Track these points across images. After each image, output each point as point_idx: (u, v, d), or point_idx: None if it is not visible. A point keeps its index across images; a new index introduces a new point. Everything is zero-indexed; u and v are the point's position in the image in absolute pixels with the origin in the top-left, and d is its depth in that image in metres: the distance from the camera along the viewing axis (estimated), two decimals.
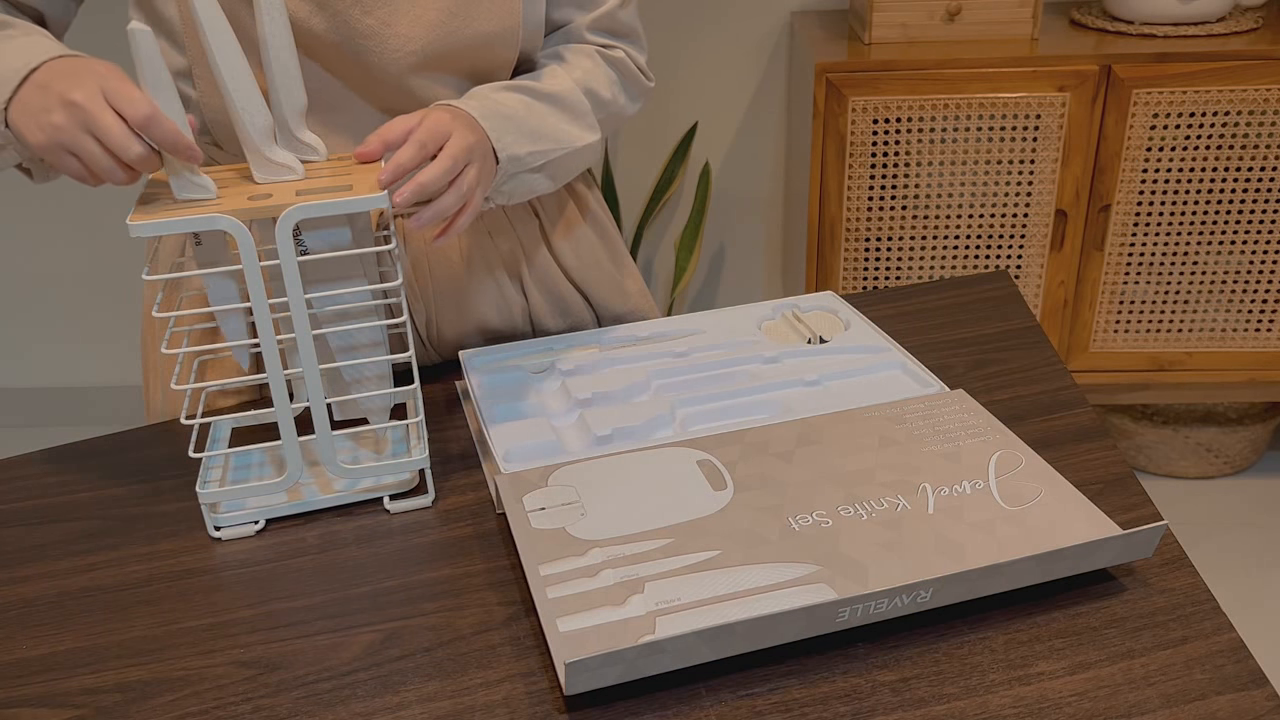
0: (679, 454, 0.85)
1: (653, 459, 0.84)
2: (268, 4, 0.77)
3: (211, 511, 0.84)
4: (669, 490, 0.80)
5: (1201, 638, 0.70)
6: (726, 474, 0.82)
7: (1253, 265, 1.97)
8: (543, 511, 0.79)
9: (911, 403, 0.90)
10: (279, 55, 0.79)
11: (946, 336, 1.09)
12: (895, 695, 0.66)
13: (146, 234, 0.74)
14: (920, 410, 0.89)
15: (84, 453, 0.96)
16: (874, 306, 1.16)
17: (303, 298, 0.77)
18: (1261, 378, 2.06)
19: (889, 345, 1.01)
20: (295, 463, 0.82)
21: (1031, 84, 1.84)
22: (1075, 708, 0.65)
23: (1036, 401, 0.96)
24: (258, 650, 0.72)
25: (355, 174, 0.81)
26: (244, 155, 0.81)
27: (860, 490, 0.79)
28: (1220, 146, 1.88)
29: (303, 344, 0.79)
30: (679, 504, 0.79)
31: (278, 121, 0.80)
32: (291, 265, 0.76)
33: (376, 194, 0.76)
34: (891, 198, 1.95)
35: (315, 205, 0.75)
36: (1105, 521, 0.75)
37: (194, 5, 0.74)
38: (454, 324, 1.07)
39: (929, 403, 0.90)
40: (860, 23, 2.02)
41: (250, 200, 0.76)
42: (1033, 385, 0.99)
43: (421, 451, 0.85)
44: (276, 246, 0.76)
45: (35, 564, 0.82)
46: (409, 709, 0.67)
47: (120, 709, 0.68)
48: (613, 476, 0.82)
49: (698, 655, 0.66)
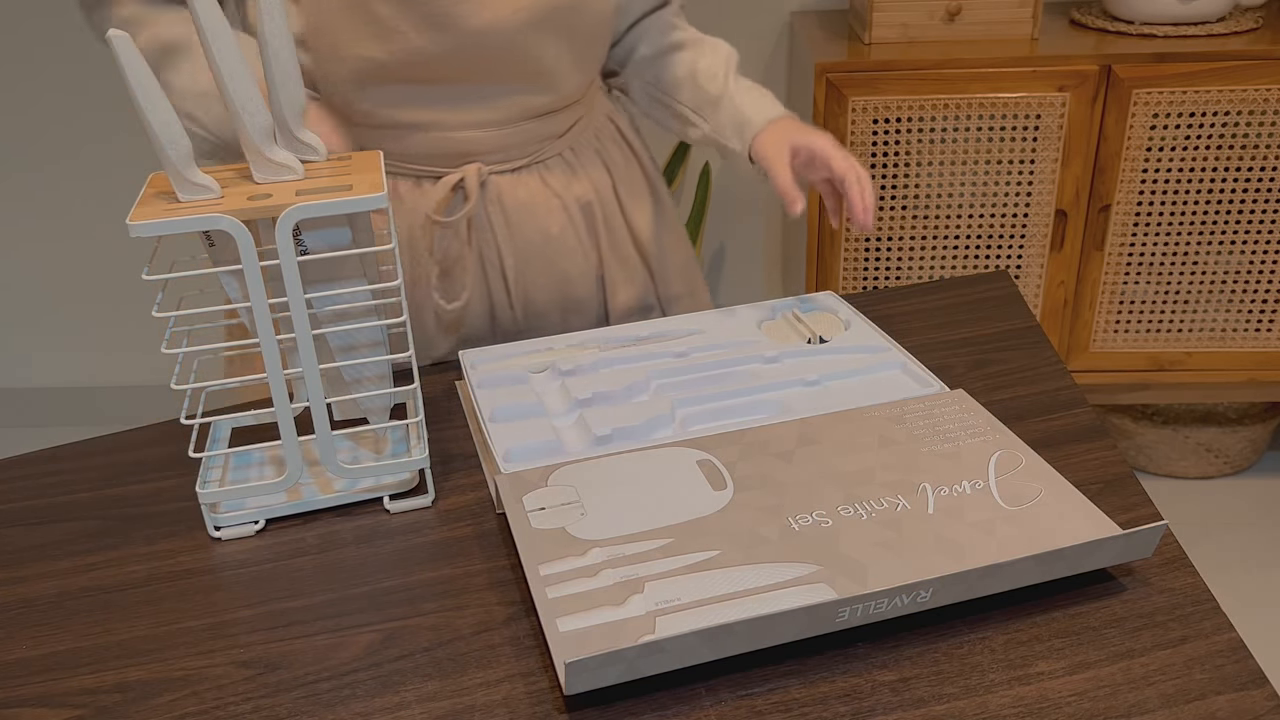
0: (679, 454, 0.85)
1: (652, 459, 0.84)
2: (267, 4, 0.77)
3: (211, 511, 0.84)
4: (669, 490, 0.81)
5: (1201, 638, 0.70)
6: (726, 473, 0.82)
7: (1253, 265, 1.97)
8: (543, 511, 0.79)
9: (911, 403, 0.90)
10: (279, 55, 0.79)
11: (946, 336, 1.09)
12: (895, 695, 0.66)
13: (146, 234, 0.74)
14: (920, 410, 0.89)
15: (84, 453, 0.96)
16: (874, 306, 1.16)
17: (302, 298, 0.77)
18: (1261, 378, 2.06)
19: (889, 345, 1.01)
20: (295, 463, 0.82)
21: (1031, 84, 1.84)
22: (1075, 708, 0.65)
23: (1036, 401, 0.96)
24: (258, 650, 0.72)
25: (355, 174, 0.80)
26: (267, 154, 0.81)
27: (860, 490, 0.79)
28: (1220, 146, 1.88)
29: (302, 344, 0.79)
30: (679, 503, 0.79)
31: (277, 121, 0.80)
32: (291, 265, 0.76)
33: (376, 194, 0.76)
34: (891, 198, 1.95)
35: (315, 205, 0.75)
36: (1105, 521, 0.75)
37: (193, 5, 0.74)
38: (541, 285, 1.11)
39: (929, 403, 0.90)
40: (860, 23, 2.02)
41: (250, 200, 0.76)
42: (1033, 385, 0.99)
43: (421, 451, 0.85)
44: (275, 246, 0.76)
45: (35, 564, 0.82)
46: (409, 709, 0.67)
47: (120, 709, 0.68)
48: (612, 476, 0.82)
49: (697, 655, 0.66)
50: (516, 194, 1.07)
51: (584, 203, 1.11)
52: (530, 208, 1.08)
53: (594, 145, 1.13)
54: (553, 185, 1.09)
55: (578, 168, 1.11)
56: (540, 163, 1.08)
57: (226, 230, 0.75)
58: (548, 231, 1.09)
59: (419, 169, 1.05)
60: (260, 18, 0.78)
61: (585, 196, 1.11)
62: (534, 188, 1.08)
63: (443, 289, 1.08)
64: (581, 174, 1.11)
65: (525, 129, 1.05)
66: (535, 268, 1.10)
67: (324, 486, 0.87)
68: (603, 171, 1.13)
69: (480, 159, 1.05)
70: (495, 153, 1.05)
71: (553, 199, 1.09)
